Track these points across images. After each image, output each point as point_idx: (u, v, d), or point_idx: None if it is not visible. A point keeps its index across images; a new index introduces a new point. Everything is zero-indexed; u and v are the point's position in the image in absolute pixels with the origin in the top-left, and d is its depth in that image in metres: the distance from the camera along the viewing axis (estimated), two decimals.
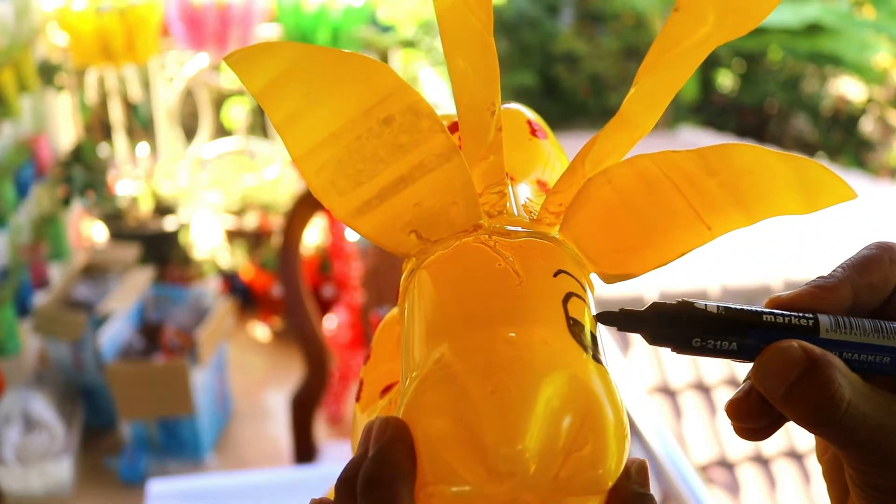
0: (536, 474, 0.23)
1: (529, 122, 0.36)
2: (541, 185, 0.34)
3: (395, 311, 0.37)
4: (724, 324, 0.27)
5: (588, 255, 0.29)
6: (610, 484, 0.24)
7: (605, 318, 0.27)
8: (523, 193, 0.32)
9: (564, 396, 0.24)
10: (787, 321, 0.27)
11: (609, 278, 0.30)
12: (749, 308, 0.28)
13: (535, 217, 0.30)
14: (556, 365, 0.24)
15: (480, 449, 0.23)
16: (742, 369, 1.91)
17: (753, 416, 0.28)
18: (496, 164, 0.30)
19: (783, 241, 2.26)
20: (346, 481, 0.25)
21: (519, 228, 0.28)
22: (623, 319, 0.27)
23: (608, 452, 0.24)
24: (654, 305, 0.27)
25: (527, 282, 0.26)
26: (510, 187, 0.31)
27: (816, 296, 0.28)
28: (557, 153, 0.36)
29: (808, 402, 0.26)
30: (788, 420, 0.29)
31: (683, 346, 0.27)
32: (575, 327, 0.26)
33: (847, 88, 5.00)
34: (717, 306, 0.27)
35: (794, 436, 1.87)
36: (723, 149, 0.28)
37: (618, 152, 0.29)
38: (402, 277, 0.30)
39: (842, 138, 4.82)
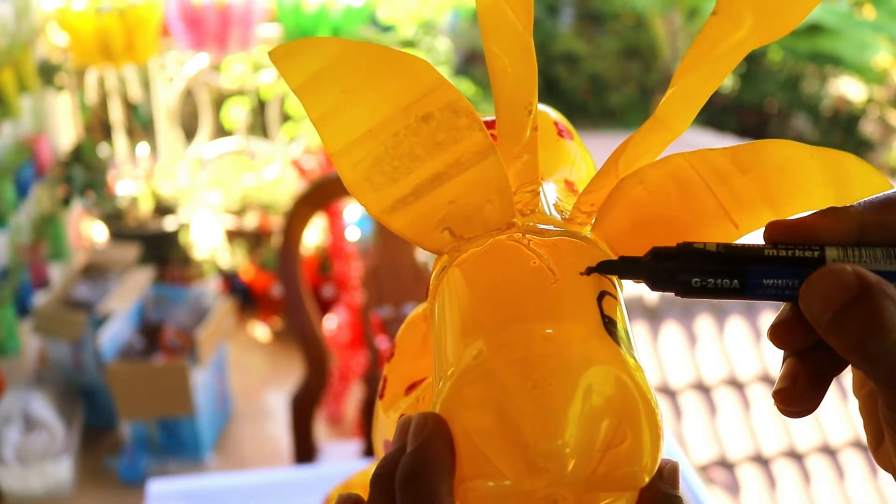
0: (575, 470, 0.24)
1: (556, 123, 0.36)
2: (568, 185, 0.34)
3: (419, 308, 0.37)
4: (724, 261, 0.26)
5: (619, 253, 0.29)
6: (646, 480, 0.25)
7: (605, 266, 0.27)
8: (551, 193, 0.32)
9: (602, 393, 0.24)
10: (791, 254, 0.26)
11: None
12: (750, 244, 0.27)
13: (566, 216, 0.30)
14: (594, 361, 0.24)
15: (521, 444, 0.23)
16: (744, 370, 1.91)
17: (804, 398, 0.27)
18: (531, 163, 0.30)
19: None
20: (383, 476, 0.25)
21: (552, 227, 0.29)
22: (623, 266, 0.27)
23: (645, 449, 0.24)
24: (654, 249, 0.27)
25: (562, 280, 0.26)
26: (542, 187, 0.31)
27: (819, 223, 0.27)
28: (583, 154, 0.36)
29: (856, 331, 0.24)
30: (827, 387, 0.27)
31: (685, 288, 0.27)
32: (610, 325, 0.26)
33: (847, 88, 5.00)
34: (717, 244, 0.27)
35: (794, 435, 1.87)
36: (757, 145, 0.28)
37: (651, 153, 0.29)
38: (433, 275, 0.30)
39: (842, 138, 4.82)
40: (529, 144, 0.30)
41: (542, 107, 0.36)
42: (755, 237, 0.29)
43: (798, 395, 0.27)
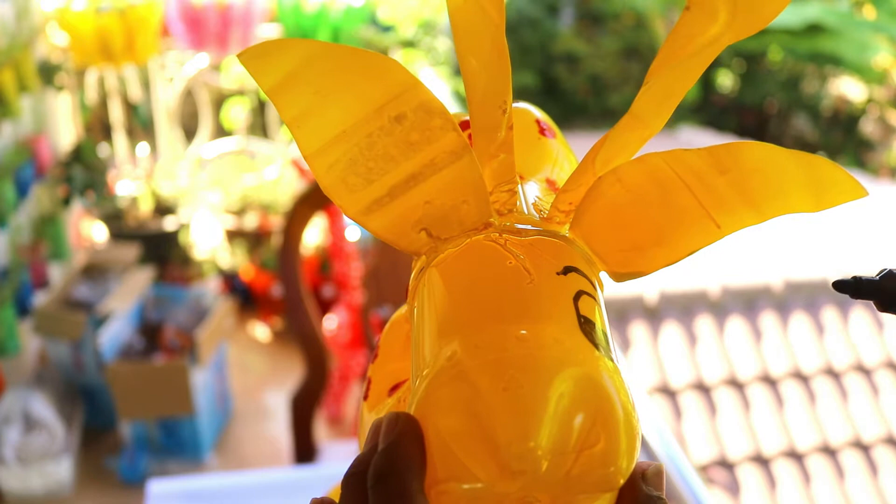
0: (548, 472, 0.24)
1: (538, 122, 0.36)
2: (550, 184, 0.34)
3: (402, 309, 0.37)
4: None
5: (598, 253, 0.29)
6: (621, 482, 0.24)
7: (839, 285, 0.28)
8: (532, 192, 0.32)
9: (576, 394, 0.24)
10: None
11: (619, 276, 0.30)
12: None
13: (545, 215, 0.30)
14: (568, 362, 0.24)
15: (493, 446, 0.23)
16: (744, 370, 1.91)
17: None
18: (507, 162, 0.30)
19: (783, 241, 2.26)
20: (355, 476, 0.25)
21: (529, 227, 0.28)
22: (856, 287, 0.28)
23: (620, 450, 0.24)
24: (890, 275, 0.28)
25: (538, 280, 0.26)
26: (520, 186, 0.31)
27: None
28: (566, 152, 0.36)
29: None
30: None
31: None
32: (586, 325, 0.26)
33: (847, 88, 5.00)
34: None
35: (794, 436, 1.87)
36: (733, 147, 0.28)
37: (628, 151, 0.29)
38: (412, 276, 0.30)
39: (842, 138, 4.83)
40: (505, 144, 0.29)
41: (524, 105, 0.36)
42: (757, 240, 0.29)
43: None
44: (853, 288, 0.28)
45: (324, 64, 0.27)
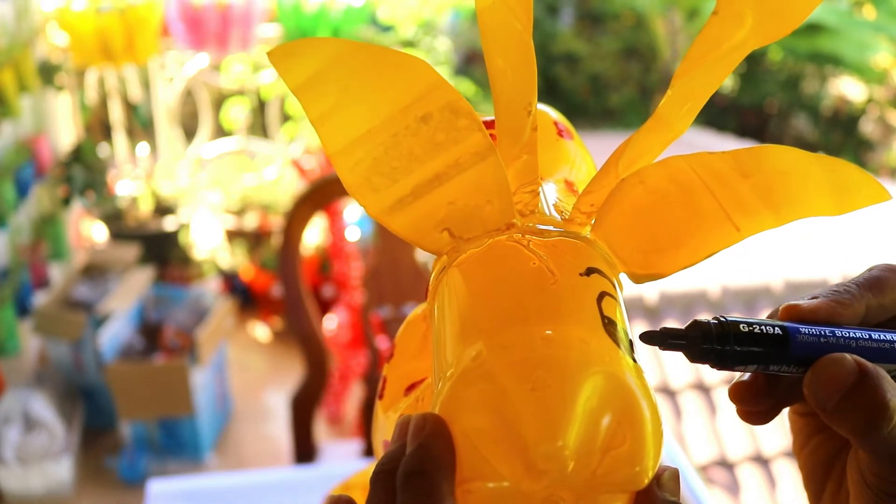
0: (575, 471, 0.24)
1: (555, 123, 0.36)
2: (568, 185, 0.34)
3: (418, 308, 0.37)
4: (759, 342, 0.28)
5: (619, 254, 0.29)
6: (646, 482, 0.25)
7: (646, 337, 0.28)
8: (551, 193, 0.32)
9: (603, 394, 0.24)
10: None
11: (638, 278, 0.30)
12: (780, 329, 0.28)
13: (566, 217, 0.30)
14: (594, 363, 0.24)
15: (520, 445, 0.23)
16: None
17: (757, 398, 0.29)
18: (530, 163, 0.30)
19: (782, 241, 2.26)
20: (384, 474, 0.25)
21: (551, 228, 0.29)
22: (662, 338, 0.28)
23: (646, 450, 0.24)
24: (695, 324, 0.28)
25: (561, 280, 0.26)
26: (541, 187, 0.31)
27: (835, 311, 0.29)
28: (583, 154, 0.36)
29: (860, 413, 0.26)
30: (787, 406, 0.30)
31: (722, 363, 0.28)
32: (609, 326, 0.26)
33: (847, 88, 5.00)
34: (750, 324, 0.28)
35: None
36: (757, 151, 0.28)
37: (651, 153, 0.29)
38: (432, 276, 0.30)
39: (842, 138, 4.82)
40: (529, 145, 0.29)
41: (541, 106, 0.36)
42: (757, 239, 0.29)
43: (753, 392, 0.30)
44: (660, 339, 0.28)
45: (351, 63, 0.27)
